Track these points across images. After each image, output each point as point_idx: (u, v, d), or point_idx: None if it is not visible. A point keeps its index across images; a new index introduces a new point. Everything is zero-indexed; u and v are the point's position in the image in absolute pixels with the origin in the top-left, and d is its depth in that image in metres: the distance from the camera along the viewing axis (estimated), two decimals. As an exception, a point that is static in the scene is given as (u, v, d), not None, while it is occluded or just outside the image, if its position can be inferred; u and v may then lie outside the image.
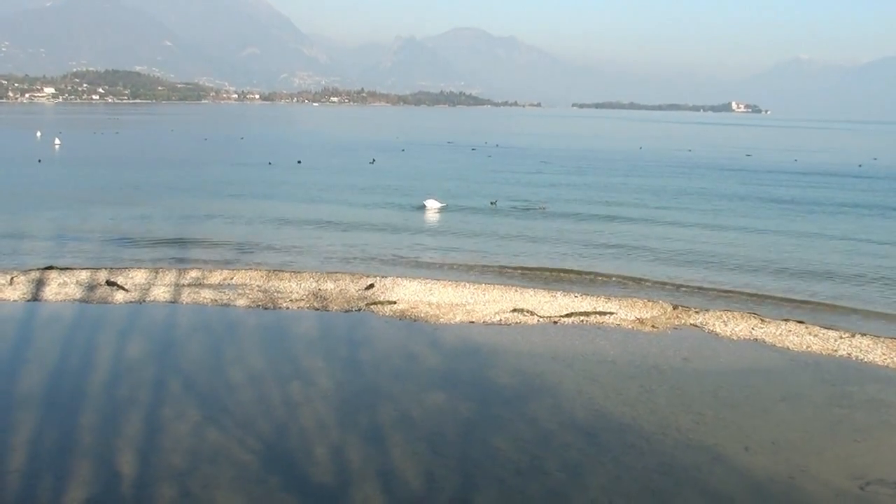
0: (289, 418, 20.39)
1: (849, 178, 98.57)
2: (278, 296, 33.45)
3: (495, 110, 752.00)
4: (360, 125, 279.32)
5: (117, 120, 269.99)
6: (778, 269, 41.88)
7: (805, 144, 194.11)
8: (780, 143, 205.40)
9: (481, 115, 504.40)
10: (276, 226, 52.78)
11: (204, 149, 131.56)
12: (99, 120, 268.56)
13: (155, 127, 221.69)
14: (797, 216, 61.90)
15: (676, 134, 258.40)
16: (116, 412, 20.57)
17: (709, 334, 29.34)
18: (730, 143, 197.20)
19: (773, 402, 22.40)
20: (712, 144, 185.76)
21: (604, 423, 20.60)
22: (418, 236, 50.17)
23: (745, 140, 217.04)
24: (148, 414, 20.44)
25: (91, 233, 48.54)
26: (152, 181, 78.32)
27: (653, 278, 39.15)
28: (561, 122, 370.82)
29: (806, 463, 18.48)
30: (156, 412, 20.57)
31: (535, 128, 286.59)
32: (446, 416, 20.92)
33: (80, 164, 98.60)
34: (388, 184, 79.90)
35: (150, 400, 21.34)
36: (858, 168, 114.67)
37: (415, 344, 27.33)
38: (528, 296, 33.85)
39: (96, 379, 22.82)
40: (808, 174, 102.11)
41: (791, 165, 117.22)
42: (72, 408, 20.76)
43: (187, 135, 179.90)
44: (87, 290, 33.49)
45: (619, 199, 70.20)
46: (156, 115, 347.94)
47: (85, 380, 22.76)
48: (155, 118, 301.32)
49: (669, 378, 24.10)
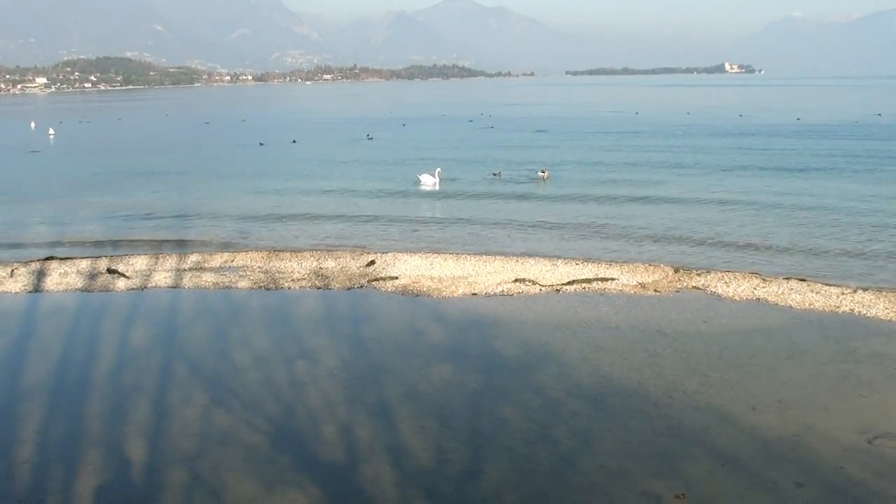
0: (296, 398, 20.40)
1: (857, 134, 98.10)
2: (280, 276, 33.41)
3: (489, 81, 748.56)
4: (354, 102, 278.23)
5: (107, 107, 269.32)
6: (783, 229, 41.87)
7: (803, 103, 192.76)
8: (778, 102, 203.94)
9: (475, 87, 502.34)
10: (274, 205, 52.63)
11: (207, 132, 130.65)
12: (91, 108, 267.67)
13: (150, 113, 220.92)
14: (806, 176, 61.59)
15: (672, 97, 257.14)
16: (123, 399, 20.58)
17: (711, 296, 29.31)
18: (726, 104, 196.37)
19: (778, 360, 22.40)
20: (708, 106, 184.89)
21: (610, 388, 20.60)
22: (418, 210, 50.10)
23: (740, 100, 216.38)
24: (155, 400, 20.45)
25: (90, 221, 48.47)
26: (151, 166, 78.08)
27: (655, 242, 39.18)
28: (555, 91, 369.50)
29: (813, 420, 18.50)
30: (163, 398, 20.57)
31: (530, 97, 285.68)
32: (452, 388, 20.93)
33: (75, 152, 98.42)
34: (386, 159, 79.73)
35: (156, 386, 21.35)
36: (876, 119, 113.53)
37: (418, 318, 27.32)
38: (530, 265, 33.81)
39: (102, 367, 22.81)
40: (815, 132, 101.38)
41: (794, 125, 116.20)
42: (78, 397, 20.77)
43: (186, 119, 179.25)
44: (89, 279, 33.45)
45: (617, 165, 70.09)
46: (149, 100, 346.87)
47: (90, 368, 22.75)
48: (148, 103, 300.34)
49: (674, 341, 24.10)
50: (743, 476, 16.13)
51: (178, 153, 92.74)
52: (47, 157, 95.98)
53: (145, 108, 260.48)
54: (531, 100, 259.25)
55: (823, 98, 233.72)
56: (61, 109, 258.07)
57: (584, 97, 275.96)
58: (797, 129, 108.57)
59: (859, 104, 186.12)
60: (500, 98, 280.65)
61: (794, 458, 16.79)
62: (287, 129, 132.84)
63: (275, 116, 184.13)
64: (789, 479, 15.90)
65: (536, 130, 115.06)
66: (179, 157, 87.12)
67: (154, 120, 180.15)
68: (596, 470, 16.52)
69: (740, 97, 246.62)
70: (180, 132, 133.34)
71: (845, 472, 16.18)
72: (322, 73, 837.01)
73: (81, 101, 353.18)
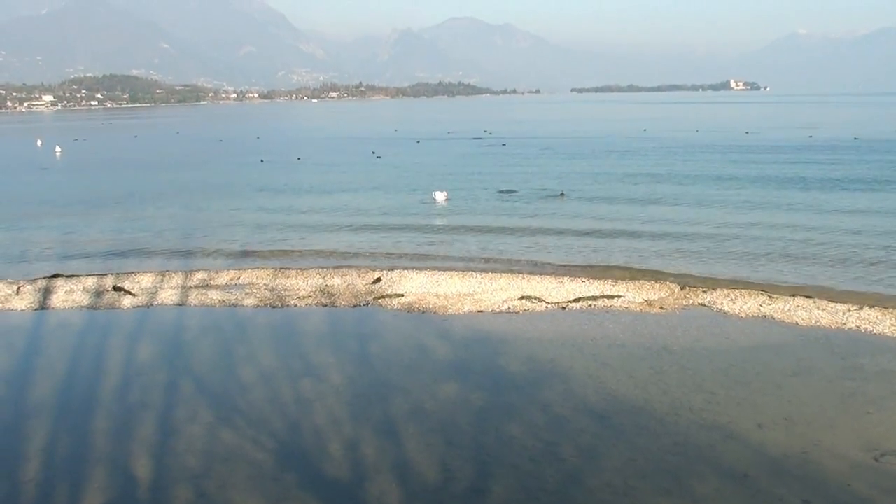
0: (301, 415, 20.42)
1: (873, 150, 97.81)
2: (286, 294, 33.47)
3: (495, 99, 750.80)
4: (360, 119, 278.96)
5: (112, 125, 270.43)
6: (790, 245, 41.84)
7: (813, 119, 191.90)
8: (786, 119, 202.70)
9: (481, 104, 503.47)
10: (280, 223, 52.75)
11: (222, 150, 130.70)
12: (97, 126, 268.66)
13: (159, 130, 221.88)
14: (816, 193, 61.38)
15: (679, 115, 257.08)
16: (129, 417, 20.62)
17: (717, 313, 29.31)
18: (733, 121, 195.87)
19: (785, 377, 22.38)
20: (716, 124, 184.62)
21: (616, 406, 20.60)
22: (424, 228, 50.15)
23: (746, 118, 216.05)
24: (161, 417, 20.49)
25: (96, 239, 48.60)
26: (159, 184, 78.36)
27: (661, 259, 39.19)
28: (561, 108, 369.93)
29: (819, 437, 18.47)
30: (169, 415, 20.61)
31: (537, 115, 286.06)
32: (459, 406, 20.94)
33: (83, 169, 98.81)
34: (393, 176, 79.91)
35: (162, 403, 21.39)
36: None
37: (424, 336, 27.34)
38: (536, 282, 33.84)
39: (108, 385, 22.87)
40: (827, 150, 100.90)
41: (807, 142, 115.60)
42: (85, 414, 20.82)
43: (197, 136, 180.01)
44: (95, 297, 33.54)
45: (625, 183, 70.12)
46: (156, 117, 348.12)
47: (96, 386, 22.80)
48: (156, 121, 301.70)
49: (680, 358, 24.09)
50: (750, 494, 16.12)
51: (190, 171, 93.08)
52: (54, 174, 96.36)
53: (154, 125, 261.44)
54: (538, 117, 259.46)
55: (834, 115, 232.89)
56: (69, 127, 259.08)
57: (591, 115, 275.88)
58: (809, 145, 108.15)
59: (872, 120, 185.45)
60: (507, 115, 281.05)
61: (801, 475, 16.76)
62: (302, 145, 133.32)
63: (285, 133, 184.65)
64: (796, 497, 15.89)
65: (544, 148, 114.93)
66: (190, 175, 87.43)
67: (165, 137, 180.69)
68: (602, 488, 16.51)
69: (748, 114, 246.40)
70: (194, 149, 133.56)
71: (852, 490, 16.16)
72: (328, 91, 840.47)
73: (88, 119, 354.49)
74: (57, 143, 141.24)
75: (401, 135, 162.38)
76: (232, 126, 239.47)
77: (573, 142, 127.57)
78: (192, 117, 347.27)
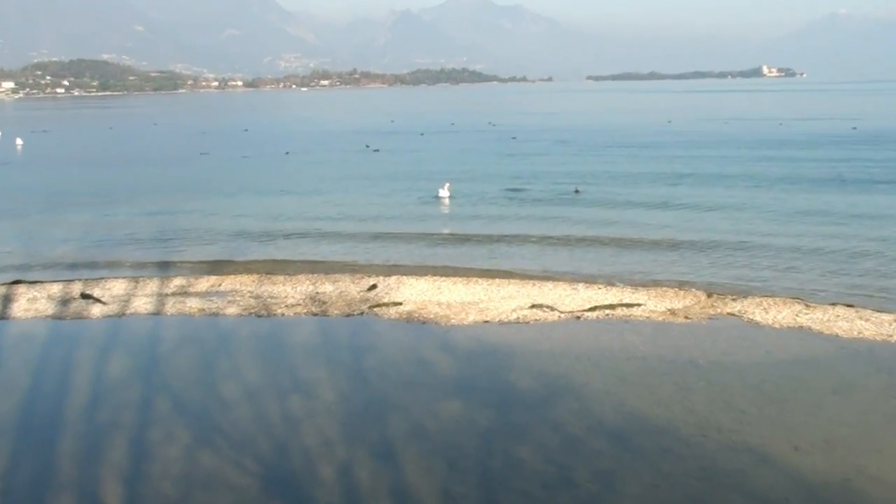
0: (289, 436, 20.39)
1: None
2: (272, 301, 33.46)
3: (502, 87, 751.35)
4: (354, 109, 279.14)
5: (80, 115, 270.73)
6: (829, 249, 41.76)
7: (855, 109, 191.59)
8: (825, 109, 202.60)
9: (488, 93, 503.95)
10: (266, 224, 52.79)
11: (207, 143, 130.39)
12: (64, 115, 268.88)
13: (135, 121, 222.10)
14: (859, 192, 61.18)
15: (706, 104, 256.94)
16: (98, 438, 20.58)
17: (748, 323, 29.25)
18: (766, 112, 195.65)
19: (824, 395, 22.33)
20: (747, 114, 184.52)
21: (636, 425, 20.55)
22: (425, 229, 50.13)
23: (780, 108, 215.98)
24: (133, 438, 20.45)
25: (63, 241, 48.58)
26: (134, 181, 78.43)
27: (686, 264, 39.16)
28: (576, 98, 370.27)
29: (863, 462, 18.41)
30: (142, 436, 20.57)
31: (549, 105, 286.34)
32: (463, 426, 20.90)
33: (48, 165, 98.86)
34: (391, 172, 80.00)
35: (135, 423, 21.35)
36: None
37: (425, 348, 27.31)
38: (547, 290, 33.80)
39: (75, 402, 22.82)
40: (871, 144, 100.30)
41: (849, 135, 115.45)
42: (49, 435, 20.77)
43: (177, 128, 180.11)
44: (61, 305, 33.52)
45: (647, 179, 70.14)
46: (130, 107, 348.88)
47: (62, 404, 22.76)
48: (130, 111, 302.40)
49: (707, 373, 24.05)
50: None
51: (169, 166, 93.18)
52: (15, 169, 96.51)
53: (128, 115, 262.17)
54: (551, 108, 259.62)
55: (879, 104, 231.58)
56: (32, 117, 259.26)
57: (609, 105, 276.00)
58: (851, 139, 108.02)
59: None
60: (516, 106, 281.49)
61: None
62: (291, 138, 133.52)
63: (273, 125, 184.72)
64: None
65: (558, 142, 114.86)
66: (169, 171, 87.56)
67: (141, 129, 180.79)
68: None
69: (782, 103, 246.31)
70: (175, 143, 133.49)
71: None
72: (319, 79, 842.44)
73: (53, 109, 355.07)
74: (18, 134, 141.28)
75: (399, 126, 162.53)
76: (215, 117, 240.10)
77: (590, 135, 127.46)
78: (170, 107, 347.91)
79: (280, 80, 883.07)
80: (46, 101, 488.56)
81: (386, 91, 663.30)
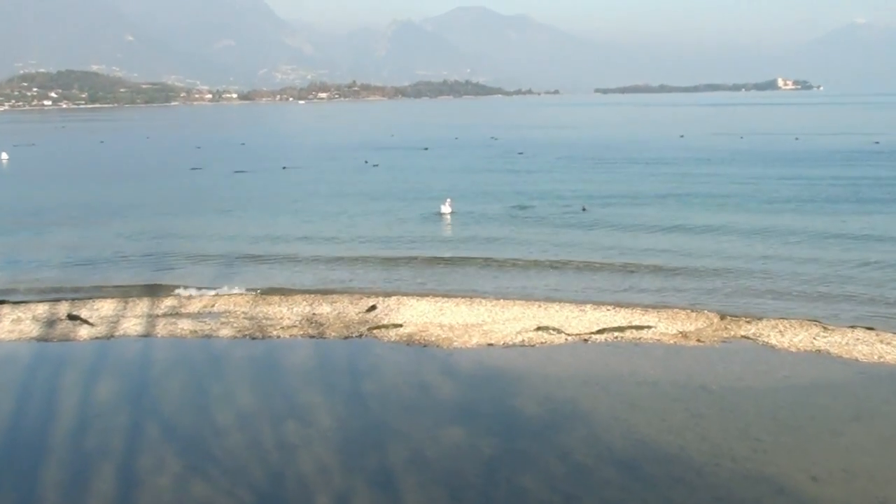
0: (284, 464, 20.37)
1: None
2: (267, 323, 33.47)
3: (507, 100, 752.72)
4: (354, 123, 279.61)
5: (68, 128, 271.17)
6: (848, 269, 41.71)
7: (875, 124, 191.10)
8: (843, 124, 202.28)
9: (492, 106, 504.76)
10: (262, 242, 52.81)
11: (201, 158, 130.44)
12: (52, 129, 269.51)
13: (126, 135, 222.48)
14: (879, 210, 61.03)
15: (720, 118, 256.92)
16: (86, 466, 20.55)
17: (763, 347, 29.23)
18: (782, 126, 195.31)
19: (843, 422, 22.28)
20: (762, 128, 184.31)
21: (647, 454, 20.52)
22: (427, 248, 50.14)
23: (797, 122, 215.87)
24: (122, 466, 20.42)
25: (49, 260, 48.62)
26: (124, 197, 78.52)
27: (698, 285, 39.12)
28: (585, 112, 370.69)
29: (885, 493, 18.36)
30: (131, 464, 20.55)
31: (556, 118, 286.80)
32: (465, 453, 20.87)
33: (34, 180, 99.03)
34: (391, 188, 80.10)
35: (124, 450, 21.33)
36: None
37: (426, 372, 27.29)
38: (554, 311, 33.81)
39: (61, 428, 22.80)
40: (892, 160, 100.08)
41: (870, 149, 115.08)
42: (33, 463, 20.74)
43: (171, 142, 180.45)
44: (46, 327, 33.54)
45: (661, 198, 70.17)
46: (121, 120, 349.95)
47: (47, 430, 22.73)
48: (121, 124, 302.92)
49: (720, 399, 24.02)
50: (802, 557, 16.03)
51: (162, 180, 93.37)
52: (1, 185, 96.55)
53: (119, 129, 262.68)
54: (558, 121, 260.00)
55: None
56: (18, 131, 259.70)
57: (618, 119, 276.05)
58: (872, 153, 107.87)
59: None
60: (522, 119, 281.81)
61: (862, 536, 16.68)
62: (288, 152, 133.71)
63: (270, 139, 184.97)
64: (856, 562, 15.80)
65: (565, 157, 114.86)
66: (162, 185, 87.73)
67: (134, 143, 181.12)
68: (631, 549, 16.46)
69: (799, 117, 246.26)
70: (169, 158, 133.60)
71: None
72: (317, 91, 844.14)
73: (40, 122, 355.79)
74: (3, 149, 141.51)
75: (400, 141, 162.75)
76: (210, 131, 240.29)
77: (599, 150, 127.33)
78: (162, 120, 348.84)
79: (276, 92, 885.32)
80: (33, 114, 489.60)
81: (386, 104, 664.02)
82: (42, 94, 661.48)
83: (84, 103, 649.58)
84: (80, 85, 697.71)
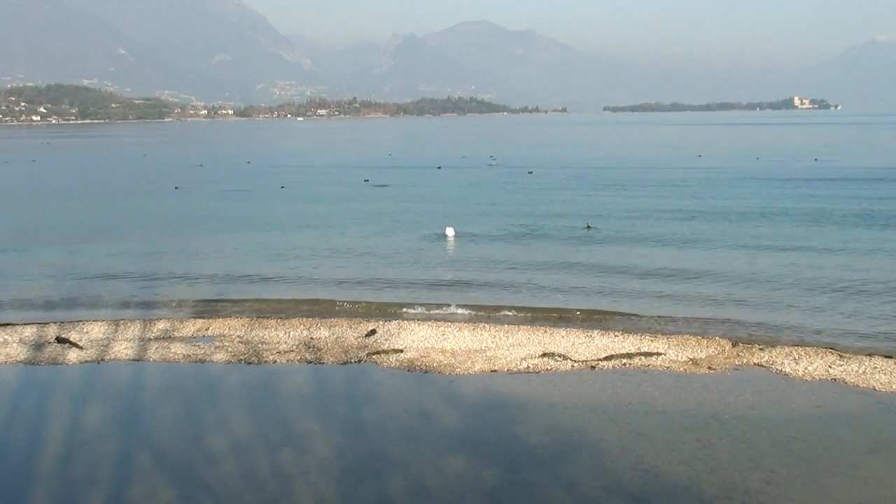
0: (281, 494, 20.41)
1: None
2: (263, 347, 33.52)
3: (513, 118, 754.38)
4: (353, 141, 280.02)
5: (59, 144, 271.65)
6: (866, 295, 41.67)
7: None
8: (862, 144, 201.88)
9: (498, 125, 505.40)
10: (258, 264, 52.85)
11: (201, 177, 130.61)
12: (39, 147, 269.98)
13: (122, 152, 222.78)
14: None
15: (735, 138, 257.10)
16: (73, 495, 20.58)
17: (777, 375, 29.26)
18: (799, 146, 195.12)
19: (860, 454, 22.29)
20: (779, 149, 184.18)
21: (655, 485, 20.56)
22: (428, 271, 50.19)
23: (815, 142, 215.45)
24: (111, 496, 20.45)
25: (37, 280, 48.70)
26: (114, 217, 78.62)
27: (709, 310, 39.13)
28: (594, 131, 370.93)
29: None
30: (121, 493, 20.57)
31: (564, 137, 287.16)
32: (468, 483, 20.91)
33: (21, 198, 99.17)
34: (394, 210, 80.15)
35: (113, 478, 21.37)
36: None
37: (427, 399, 27.35)
38: (560, 337, 33.86)
39: (48, 456, 22.83)
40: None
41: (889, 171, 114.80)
42: (20, 492, 20.78)
43: (167, 160, 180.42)
44: (34, 350, 33.59)
45: (673, 220, 70.21)
46: (113, 136, 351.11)
47: (34, 457, 22.76)
48: (114, 140, 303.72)
49: (732, 430, 24.04)
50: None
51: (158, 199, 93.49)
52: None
53: (111, 146, 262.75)
54: (567, 140, 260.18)
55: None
56: (5, 147, 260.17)
57: (629, 139, 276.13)
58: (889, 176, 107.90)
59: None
60: (528, 138, 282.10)
61: (879, 572, 16.71)
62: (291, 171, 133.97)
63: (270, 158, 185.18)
64: None
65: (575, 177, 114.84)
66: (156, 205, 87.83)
67: (129, 161, 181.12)
68: (639, 584, 16.50)
69: (816, 137, 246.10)
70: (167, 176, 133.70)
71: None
72: (316, 108, 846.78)
73: (29, 137, 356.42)
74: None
75: (400, 161, 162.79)
76: (208, 148, 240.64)
77: (610, 172, 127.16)
78: (157, 137, 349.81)
79: (274, 108, 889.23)
80: (21, 130, 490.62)
81: (387, 121, 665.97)
82: (30, 108, 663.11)
83: (74, 118, 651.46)
84: (71, 100, 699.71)
